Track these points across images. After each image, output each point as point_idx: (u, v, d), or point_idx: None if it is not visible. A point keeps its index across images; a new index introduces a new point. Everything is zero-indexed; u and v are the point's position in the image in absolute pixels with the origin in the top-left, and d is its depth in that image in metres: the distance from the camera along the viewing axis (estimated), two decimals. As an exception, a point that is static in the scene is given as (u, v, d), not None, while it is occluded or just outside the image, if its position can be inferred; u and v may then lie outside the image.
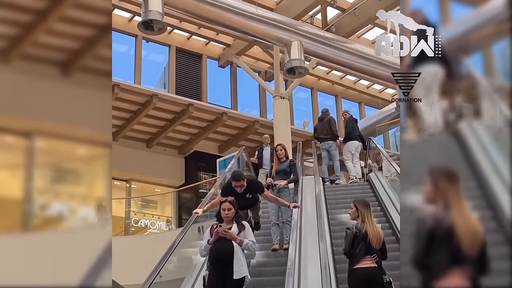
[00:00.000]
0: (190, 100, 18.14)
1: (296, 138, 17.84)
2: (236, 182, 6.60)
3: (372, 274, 5.01)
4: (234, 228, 5.53)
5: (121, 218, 17.38)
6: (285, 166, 8.67)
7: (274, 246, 7.96)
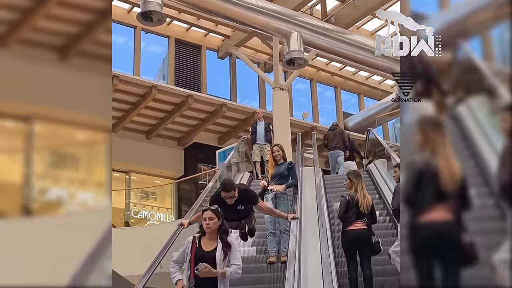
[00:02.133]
0: (189, 92, 18.11)
1: (296, 129, 17.85)
2: (226, 193, 5.65)
3: (362, 235, 5.96)
4: (218, 249, 4.62)
5: (121, 210, 17.42)
6: (283, 169, 7.65)
7: (270, 258, 7.01)
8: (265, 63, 20.70)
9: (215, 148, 18.45)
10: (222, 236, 4.71)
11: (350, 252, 6.01)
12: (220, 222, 4.77)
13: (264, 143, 12.46)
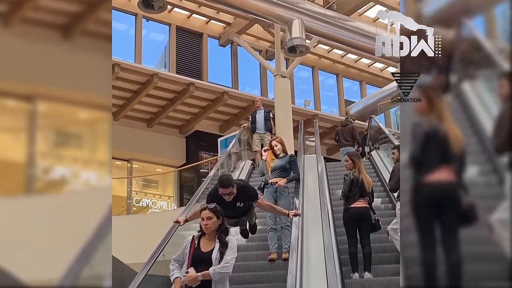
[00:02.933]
0: (190, 80, 18.06)
1: (297, 117, 17.81)
2: (224, 189, 5.37)
3: (363, 212, 6.33)
4: (215, 250, 4.41)
5: (122, 198, 17.43)
6: (284, 162, 7.40)
7: (271, 255, 6.72)
8: (267, 50, 20.62)
9: (216, 136, 18.43)
10: (221, 236, 4.47)
11: (351, 228, 6.36)
12: (220, 221, 4.52)
13: (264, 132, 12.13)
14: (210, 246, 4.45)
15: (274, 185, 7.09)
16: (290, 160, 7.43)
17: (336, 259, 5.68)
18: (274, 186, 7.07)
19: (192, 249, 4.46)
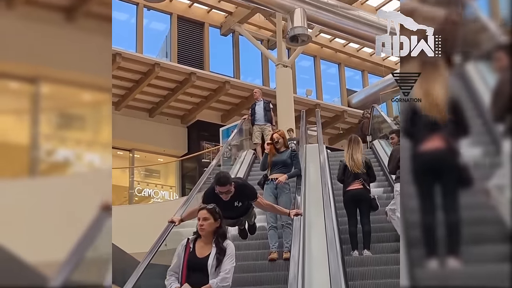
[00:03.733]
0: (192, 69, 18.01)
1: (299, 107, 17.77)
2: (221, 187, 5.06)
3: (359, 193, 6.66)
4: (211, 256, 4.14)
5: (124, 188, 17.44)
6: (285, 157, 7.05)
7: (272, 255, 6.38)
8: (268, 40, 20.54)
9: (218, 126, 18.40)
10: (218, 241, 4.17)
11: (350, 208, 6.71)
12: (218, 223, 4.24)
13: (264, 123, 11.79)
14: (206, 250, 4.16)
15: (274, 181, 6.77)
16: (291, 155, 7.08)
17: (339, 248, 5.70)
18: (275, 182, 6.75)
19: (187, 253, 4.15)
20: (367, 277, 5.92)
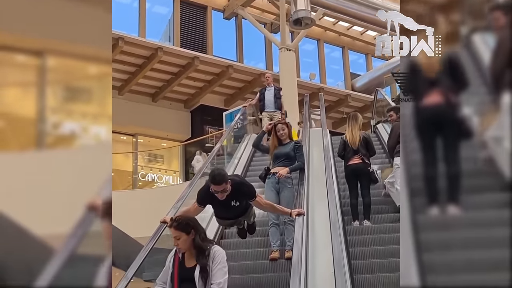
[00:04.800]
0: (195, 53, 17.93)
1: (303, 91, 17.71)
2: (216, 186, 4.60)
3: (358, 167, 6.96)
4: (197, 269, 3.92)
5: (128, 173, 17.48)
6: (289, 149, 6.49)
7: (273, 254, 5.88)
8: (272, 23, 20.41)
9: (221, 110, 18.38)
10: (198, 258, 3.90)
11: (351, 182, 7.03)
12: (192, 235, 3.93)
13: (274, 110, 11.15)
14: (194, 260, 3.97)
15: (276, 175, 6.26)
16: (295, 147, 6.53)
17: (342, 233, 5.68)
18: (276, 176, 6.25)
19: (176, 264, 3.96)
20: (366, 245, 6.20)
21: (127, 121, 18.16)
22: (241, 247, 6.46)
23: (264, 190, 6.45)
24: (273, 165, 6.50)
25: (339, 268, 4.24)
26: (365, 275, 5.42)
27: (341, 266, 4.35)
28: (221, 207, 4.94)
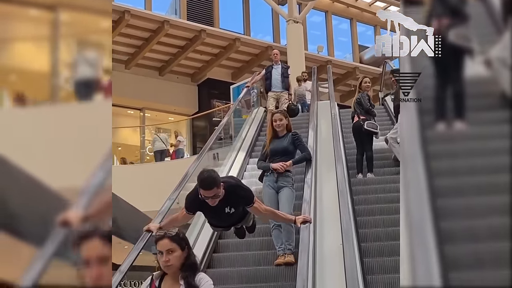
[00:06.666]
0: (202, 26, 17.78)
1: (310, 63, 17.56)
2: (206, 191, 3.86)
3: (356, 125, 7.64)
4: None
5: (136, 147, 17.53)
6: (286, 143, 5.59)
7: (278, 259, 5.21)
8: (279, -5, 20.18)
9: (229, 84, 18.30)
10: (185, 275, 3.12)
11: (356, 139, 7.74)
12: (186, 253, 3.16)
13: (281, 91, 10.31)
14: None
15: (274, 173, 5.43)
16: (293, 138, 5.63)
17: (351, 207, 5.66)
18: (275, 174, 5.42)
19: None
20: (369, 193, 6.71)
21: (134, 95, 18.14)
22: (240, 249, 5.77)
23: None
24: (270, 162, 5.58)
25: (347, 238, 4.22)
26: (368, 217, 6.00)
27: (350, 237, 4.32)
28: (213, 215, 4.31)
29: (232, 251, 5.77)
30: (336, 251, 4.64)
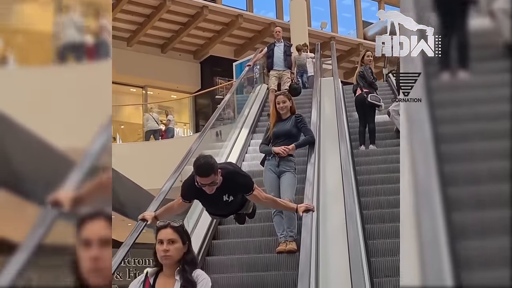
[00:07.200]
0: (204, 2, 17.62)
1: (314, 40, 17.39)
2: (202, 179, 3.71)
3: (359, 98, 7.80)
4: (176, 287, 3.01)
5: (138, 125, 17.46)
6: (290, 126, 5.42)
7: (280, 246, 5.07)
8: (282, -30, 19.95)
9: (231, 61, 18.18)
10: (184, 270, 2.99)
11: (359, 111, 7.90)
12: (186, 248, 3.05)
13: (284, 69, 10.07)
14: (170, 286, 3.02)
15: (276, 157, 5.28)
16: (296, 121, 5.45)
17: (354, 184, 5.62)
18: (277, 158, 5.27)
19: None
20: (371, 164, 6.98)
21: (136, 73, 18.06)
22: (242, 235, 5.63)
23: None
24: (272, 145, 5.44)
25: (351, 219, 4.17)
26: (369, 187, 6.23)
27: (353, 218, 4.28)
28: (211, 203, 4.16)
29: (232, 237, 5.64)
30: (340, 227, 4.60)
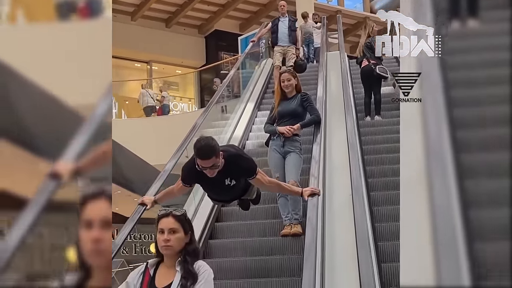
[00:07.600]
0: (208, -24, 17.44)
1: (320, 13, 17.13)
2: (203, 161, 3.53)
3: (365, 69, 7.74)
4: (174, 282, 2.81)
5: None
6: (295, 105, 5.25)
7: (285, 229, 4.93)
8: None
9: (236, 35, 18.03)
10: (185, 259, 2.84)
11: (364, 83, 7.85)
12: (188, 238, 2.88)
13: (288, 45, 9.72)
14: (171, 277, 2.87)
15: (281, 137, 5.13)
16: (302, 99, 5.27)
17: (360, 156, 5.58)
18: (282, 137, 5.12)
19: (145, 283, 2.90)
20: (376, 134, 7.09)
21: (141, 48, 17.95)
22: (246, 218, 5.41)
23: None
24: (277, 125, 5.28)
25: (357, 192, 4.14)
26: (375, 156, 6.34)
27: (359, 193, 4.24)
28: (212, 187, 4.00)
29: (236, 220, 5.48)
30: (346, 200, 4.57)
